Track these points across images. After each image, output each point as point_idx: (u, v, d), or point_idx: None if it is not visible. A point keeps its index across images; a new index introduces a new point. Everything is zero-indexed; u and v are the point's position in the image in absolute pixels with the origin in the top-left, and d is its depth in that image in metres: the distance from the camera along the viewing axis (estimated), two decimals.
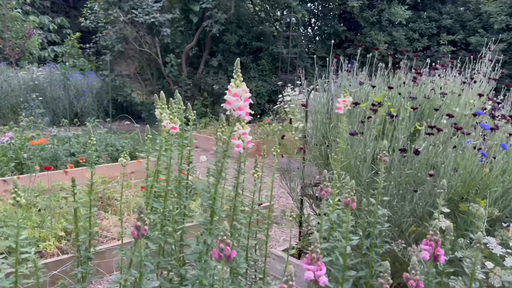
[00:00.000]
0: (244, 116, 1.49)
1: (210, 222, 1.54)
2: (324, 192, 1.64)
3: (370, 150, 2.21)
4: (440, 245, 1.54)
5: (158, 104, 1.73)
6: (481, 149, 2.01)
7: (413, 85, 2.56)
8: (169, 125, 1.63)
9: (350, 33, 9.99)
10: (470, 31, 9.61)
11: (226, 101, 1.52)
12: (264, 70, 9.79)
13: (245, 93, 1.50)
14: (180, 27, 9.66)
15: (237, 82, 1.49)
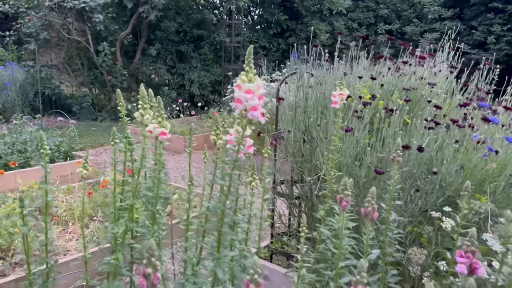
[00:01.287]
0: (260, 117, 1.20)
1: (218, 249, 1.24)
2: (345, 203, 1.41)
3: (370, 148, 2.02)
4: (476, 256, 1.38)
5: (140, 102, 1.38)
6: (484, 142, 1.89)
7: (399, 76, 2.41)
8: (157, 130, 1.30)
9: (291, 22, 9.88)
10: (405, 21, 9.93)
11: (236, 100, 1.22)
12: (207, 60, 9.40)
13: (259, 89, 1.21)
14: (114, 13, 8.93)
15: (250, 76, 1.20)
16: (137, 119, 1.40)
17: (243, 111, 1.23)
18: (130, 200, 1.45)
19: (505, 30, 8.15)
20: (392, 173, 1.69)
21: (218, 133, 1.49)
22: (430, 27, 9.19)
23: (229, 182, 1.26)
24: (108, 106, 8.74)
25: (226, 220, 1.26)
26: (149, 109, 1.40)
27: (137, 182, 1.43)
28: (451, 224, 1.94)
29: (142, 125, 1.42)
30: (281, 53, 9.84)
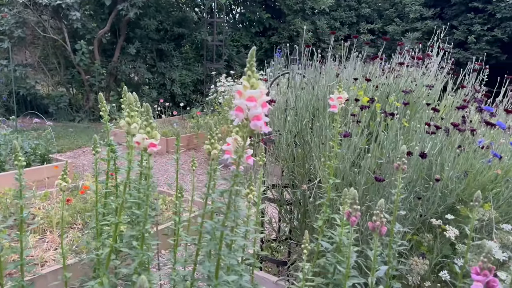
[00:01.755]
0: (264, 127, 1.08)
1: (216, 275, 1.11)
2: (354, 218, 1.30)
3: (369, 155, 1.92)
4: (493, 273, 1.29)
5: (127, 110, 1.23)
6: (488, 147, 1.82)
7: (395, 77, 2.32)
8: (146, 141, 1.16)
9: (274, 20, 9.77)
10: (387, 20, 9.95)
11: (236, 108, 1.09)
12: (188, 58, 9.21)
13: (262, 96, 1.08)
14: (91, 10, 8.65)
15: (253, 81, 1.07)
16: (122, 128, 1.26)
17: (244, 121, 1.10)
18: (114, 217, 1.31)
19: (485, 30, 8.24)
20: (397, 182, 1.59)
21: (212, 142, 1.36)
22: (412, 26, 9.22)
23: (228, 200, 1.13)
24: (86, 106, 8.46)
25: (225, 241, 1.13)
26: (136, 117, 1.26)
27: (123, 198, 1.28)
28: (455, 233, 1.86)
29: (129, 135, 1.28)
30: (264, 52, 9.72)
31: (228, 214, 1.13)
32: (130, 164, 1.29)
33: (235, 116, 1.10)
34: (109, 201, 1.86)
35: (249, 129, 1.11)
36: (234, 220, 1.18)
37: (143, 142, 1.16)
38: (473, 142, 2.02)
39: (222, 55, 8.90)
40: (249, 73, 1.08)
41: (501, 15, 7.81)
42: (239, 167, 1.14)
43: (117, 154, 1.92)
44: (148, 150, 1.16)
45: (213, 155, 1.37)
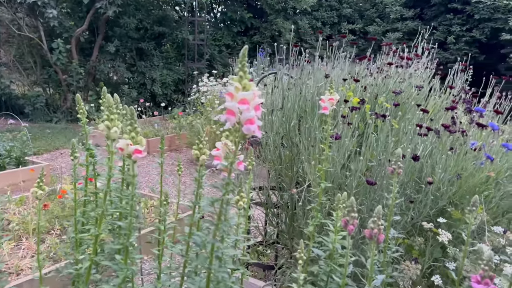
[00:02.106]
0: (257, 131, 1.01)
1: None
2: (352, 227, 1.24)
3: (361, 158, 1.86)
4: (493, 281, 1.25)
5: (106, 112, 1.14)
6: (480, 150, 1.78)
7: (384, 78, 2.28)
8: (131, 147, 1.07)
9: (256, 20, 9.70)
10: (368, 21, 10.00)
11: (227, 112, 1.01)
12: (169, 58, 9.06)
13: (255, 98, 1.01)
14: (68, 8, 8.41)
15: (245, 82, 0.99)
16: (103, 132, 1.16)
17: (236, 125, 1.02)
18: (94, 227, 1.21)
19: (464, 31, 8.35)
20: (390, 185, 1.54)
21: (201, 147, 1.28)
22: (392, 26, 9.29)
23: (220, 210, 1.05)
24: (63, 106, 8.23)
25: (215, 254, 1.05)
26: (117, 121, 1.17)
27: (104, 207, 1.19)
28: (448, 237, 1.83)
29: (109, 139, 1.18)
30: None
31: (219, 225, 1.05)
32: (110, 171, 1.20)
33: (226, 120, 1.02)
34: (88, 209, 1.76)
35: (242, 134, 1.03)
36: (225, 231, 1.10)
37: (127, 149, 1.07)
38: (463, 144, 1.99)
39: (204, 54, 8.78)
40: (241, 74, 1.01)
41: (479, 16, 7.93)
42: (230, 175, 1.06)
43: (96, 159, 1.81)
44: (133, 157, 1.07)
45: (202, 160, 1.29)
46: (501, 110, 2.11)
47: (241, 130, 1.02)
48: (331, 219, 1.99)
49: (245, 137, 1.06)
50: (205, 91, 5.99)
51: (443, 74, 2.75)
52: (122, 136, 1.15)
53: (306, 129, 2.27)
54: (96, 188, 1.83)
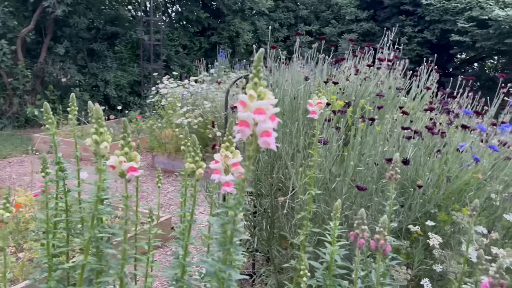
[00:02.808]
0: (273, 144, 0.91)
1: None
2: (363, 240, 1.17)
3: (352, 163, 1.81)
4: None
5: (95, 126, 1.00)
6: (463, 151, 1.79)
7: (363, 80, 2.25)
8: (125, 165, 0.94)
9: (213, 20, 9.55)
10: (324, 22, 10.14)
11: (240, 122, 0.91)
12: (123, 59, 8.70)
13: (270, 108, 0.91)
14: (12, 7, 7.85)
15: (260, 90, 0.90)
16: (90, 148, 1.02)
17: (249, 137, 0.92)
18: (79, 256, 1.06)
19: (416, 32, 8.67)
20: (383, 191, 1.50)
21: (197, 159, 1.16)
22: (348, 28, 9.47)
23: (231, 232, 0.95)
24: (9, 111, 7.67)
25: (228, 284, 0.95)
26: (107, 134, 1.03)
27: (91, 233, 1.04)
28: (438, 240, 1.82)
29: (97, 156, 1.04)
30: (204, 52, 9.47)
31: (230, 250, 0.95)
32: (99, 192, 1.05)
33: (239, 132, 0.92)
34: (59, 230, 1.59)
35: (256, 147, 0.93)
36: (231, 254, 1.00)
37: (120, 166, 0.94)
38: (446, 145, 2.00)
39: (160, 55, 8.52)
40: (256, 80, 0.91)
41: (430, 17, 8.25)
42: (243, 192, 0.96)
43: (66, 174, 1.64)
44: (128, 175, 0.94)
45: (198, 175, 1.18)
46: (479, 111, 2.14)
47: (256, 143, 0.92)
48: (324, 228, 1.92)
49: (259, 151, 0.96)
50: (165, 93, 5.78)
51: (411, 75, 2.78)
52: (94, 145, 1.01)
53: (287, 133, 2.20)
54: (67, 205, 1.66)
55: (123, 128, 0.95)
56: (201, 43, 9.46)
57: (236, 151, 1.15)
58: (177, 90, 5.72)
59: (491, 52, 8.32)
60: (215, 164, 1.15)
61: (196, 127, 5.25)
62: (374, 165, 1.88)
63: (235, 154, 1.16)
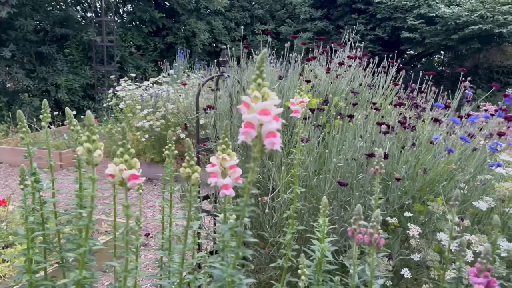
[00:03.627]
0: (278, 146, 0.90)
1: None
2: (360, 235, 1.19)
3: (335, 160, 1.83)
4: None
5: (86, 133, 0.94)
6: (433, 143, 1.86)
7: (335, 78, 2.29)
8: (126, 173, 0.89)
9: (168, 20, 9.38)
10: (279, 21, 10.23)
11: (245, 124, 0.90)
12: (75, 61, 8.36)
13: (275, 108, 0.91)
14: None
15: (264, 91, 0.89)
16: (81, 156, 0.96)
17: (254, 139, 0.91)
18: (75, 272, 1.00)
19: (368, 30, 8.94)
20: (374, 187, 1.53)
21: (192, 164, 1.13)
22: (303, 27, 9.62)
23: (239, 235, 0.93)
24: None
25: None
26: (99, 142, 0.98)
27: (85, 246, 0.98)
28: (418, 230, 1.88)
29: (90, 164, 0.99)
30: (159, 52, 9.28)
31: (239, 253, 0.93)
32: (92, 203, 1.00)
33: (245, 134, 0.90)
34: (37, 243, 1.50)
35: (260, 148, 0.92)
36: None
37: (120, 175, 0.89)
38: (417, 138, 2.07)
39: (114, 56, 8.25)
40: (259, 81, 0.89)
41: (381, 15, 8.54)
42: (248, 195, 0.94)
43: (41, 184, 1.55)
44: (129, 184, 0.90)
45: (194, 180, 1.15)
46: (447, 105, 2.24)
47: (261, 145, 0.91)
48: (307, 225, 1.94)
49: (263, 152, 0.95)
50: (123, 95, 5.61)
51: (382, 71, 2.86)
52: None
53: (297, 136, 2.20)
54: (43, 218, 1.57)
55: (122, 135, 0.90)
56: (156, 43, 9.26)
57: (232, 153, 1.13)
58: (136, 92, 5.56)
59: (439, 47, 8.75)
60: (211, 168, 1.13)
61: (158, 130, 5.14)
62: (353, 160, 1.92)
63: (232, 156, 1.14)
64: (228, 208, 1.12)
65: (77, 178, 1.44)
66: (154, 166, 5.33)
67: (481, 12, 6.97)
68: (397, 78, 2.98)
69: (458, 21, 7.13)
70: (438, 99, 2.72)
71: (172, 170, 1.54)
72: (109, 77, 7.60)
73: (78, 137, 1.58)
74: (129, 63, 8.81)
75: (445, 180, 2.02)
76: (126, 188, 0.93)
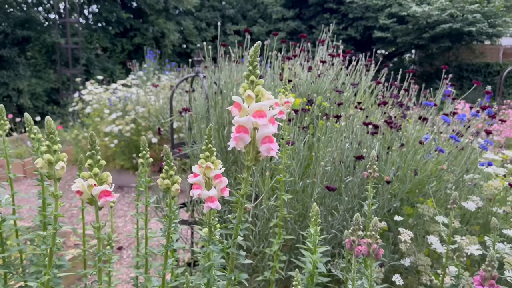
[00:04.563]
0: (275, 151, 0.78)
1: None
2: (359, 248, 1.08)
3: (323, 163, 1.72)
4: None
5: (46, 143, 0.78)
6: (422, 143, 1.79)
7: (317, 77, 2.19)
8: (96, 189, 0.75)
9: (135, 20, 9.10)
10: (251, 21, 10.12)
11: (237, 128, 0.77)
12: (38, 65, 7.97)
13: (271, 109, 0.78)
14: None
15: (258, 89, 0.76)
16: (41, 170, 0.81)
17: (248, 146, 0.78)
18: None
19: (341, 29, 8.96)
20: (369, 191, 1.42)
21: (171, 174, 0.99)
22: (275, 27, 9.54)
23: (232, 258, 0.80)
24: None
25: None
26: (61, 153, 0.83)
27: (48, 273, 0.83)
28: (410, 235, 1.80)
29: (51, 178, 0.83)
30: (127, 54, 8.99)
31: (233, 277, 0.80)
32: (56, 223, 0.84)
33: (236, 140, 0.77)
34: None
35: (254, 155, 0.79)
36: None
37: (89, 191, 0.75)
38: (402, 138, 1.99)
39: (79, 59, 7.93)
40: (252, 78, 0.77)
41: (353, 15, 8.57)
42: (242, 211, 0.81)
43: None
44: (100, 202, 0.75)
45: (175, 192, 1.01)
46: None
47: (256, 151, 0.79)
48: (297, 232, 1.82)
49: (258, 160, 0.82)
50: (90, 99, 5.34)
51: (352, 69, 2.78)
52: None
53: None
54: (2, 237, 1.39)
55: (90, 144, 0.75)
56: (123, 45, 8.97)
57: (217, 161, 1.00)
58: (103, 96, 5.31)
59: (411, 46, 8.86)
60: (194, 178, 1.00)
61: (128, 135, 4.92)
62: (340, 163, 1.82)
63: (216, 165, 1.01)
64: (215, 224, 0.98)
65: (40, 193, 1.27)
66: (124, 173, 5.10)
67: (451, 11, 7.07)
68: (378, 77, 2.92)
69: (429, 20, 7.21)
70: (419, 97, 2.67)
71: (147, 180, 1.39)
72: (74, 81, 7.28)
73: (39, 146, 1.40)
74: (95, 66, 8.49)
75: (434, 180, 1.95)
76: (96, 207, 0.78)
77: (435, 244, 1.87)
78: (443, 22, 7.10)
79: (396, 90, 2.44)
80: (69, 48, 7.67)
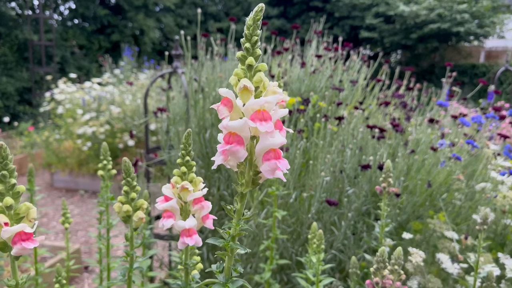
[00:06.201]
0: (282, 171, 0.52)
1: None
2: (391, 282, 0.82)
3: (324, 174, 1.46)
4: None
5: None
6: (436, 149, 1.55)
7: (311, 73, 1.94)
8: (9, 230, 0.47)
9: (113, 17, 8.72)
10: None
11: (227, 136, 0.50)
12: (9, 63, 7.54)
13: (277, 108, 0.52)
14: None
15: (260, 77, 0.50)
16: None
17: (241, 164, 0.52)
18: None
19: (327, 29, 8.76)
20: (381, 209, 1.18)
21: (133, 197, 0.72)
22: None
23: None
24: None
25: None
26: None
27: None
28: (421, 256, 1.56)
29: None
30: (105, 52, 8.61)
31: None
32: None
33: (225, 154, 0.51)
34: None
35: (252, 177, 0.53)
36: None
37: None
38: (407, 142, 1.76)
39: (54, 57, 7.52)
40: (250, 61, 0.51)
41: (339, 14, 8.38)
42: (232, 260, 0.55)
43: None
44: (15, 248, 0.48)
45: (138, 221, 0.74)
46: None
47: (255, 171, 0.52)
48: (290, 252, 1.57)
49: (257, 184, 0.55)
50: (62, 99, 4.99)
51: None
52: None
53: None
54: None
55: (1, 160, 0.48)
56: (100, 42, 8.59)
57: (197, 179, 0.74)
58: (76, 95, 4.97)
59: (398, 47, 8.72)
60: (164, 203, 0.74)
61: (103, 137, 4.60)
62: (341, 172, 1.57)
63: (196, 184, 0.74)
64: (194, 264, 0.72)
65: None
66: (98, 178, 4.77)
67: (439, 10, 6.94)
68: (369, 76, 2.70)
69: (417, 20, 7.07)
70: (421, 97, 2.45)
71: (109, 197, 1.11)
72: (47, 80, 6.88)
73: None
74: (70, 64, 8.09)
75: (445, 191, 1.72)
76: (12, 258, 0.50)
77: (446, 264, 1.64)
78: (431, 22, 6.96)
79: (396, 90, 2.21)
80: (42, 45, 7.26)
